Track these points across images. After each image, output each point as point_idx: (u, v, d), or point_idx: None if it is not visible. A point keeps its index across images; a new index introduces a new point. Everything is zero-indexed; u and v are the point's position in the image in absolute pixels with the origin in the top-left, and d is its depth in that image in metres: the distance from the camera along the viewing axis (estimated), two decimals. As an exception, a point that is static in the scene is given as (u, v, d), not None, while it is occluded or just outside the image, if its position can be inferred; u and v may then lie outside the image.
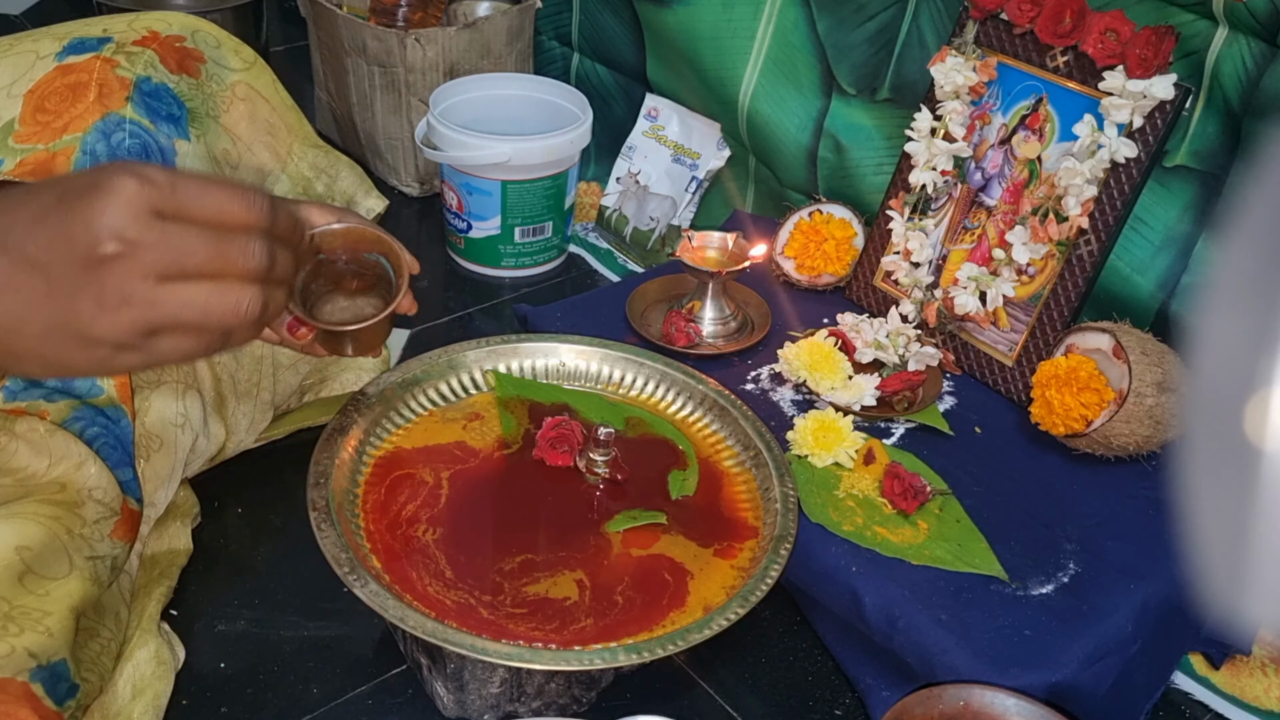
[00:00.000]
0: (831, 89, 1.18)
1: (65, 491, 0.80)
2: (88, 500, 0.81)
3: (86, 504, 0.80)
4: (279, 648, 0.86)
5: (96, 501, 0.81)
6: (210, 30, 1.06)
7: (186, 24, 1.04)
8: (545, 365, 0.95)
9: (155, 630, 0.82)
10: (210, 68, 1.04)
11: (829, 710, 0.84)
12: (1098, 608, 0.78)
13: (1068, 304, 0.95)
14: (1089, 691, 0.75)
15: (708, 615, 0.75)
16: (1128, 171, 0.91)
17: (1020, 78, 0.99)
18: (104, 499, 0.81)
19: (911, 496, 0.84)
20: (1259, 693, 0.88)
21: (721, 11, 1.22)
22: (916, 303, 1.04)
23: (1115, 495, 0.88)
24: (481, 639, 0.71)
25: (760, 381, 1.00)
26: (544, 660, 0.71)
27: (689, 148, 1.31)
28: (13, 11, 1.79)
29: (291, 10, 1.74)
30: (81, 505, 0.80)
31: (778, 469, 0.85)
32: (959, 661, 0.74)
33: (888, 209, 1.06)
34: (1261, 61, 0.88)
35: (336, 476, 0.82)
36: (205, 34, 1.05)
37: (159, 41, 0.99)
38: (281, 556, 0.93)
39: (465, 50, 1.35)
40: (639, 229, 1.33)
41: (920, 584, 0.79)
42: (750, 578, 0.78)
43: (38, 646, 0.70)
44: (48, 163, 0.90)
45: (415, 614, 0.72)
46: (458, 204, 1.27)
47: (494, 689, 0.79)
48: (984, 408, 0.98)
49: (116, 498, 0.82)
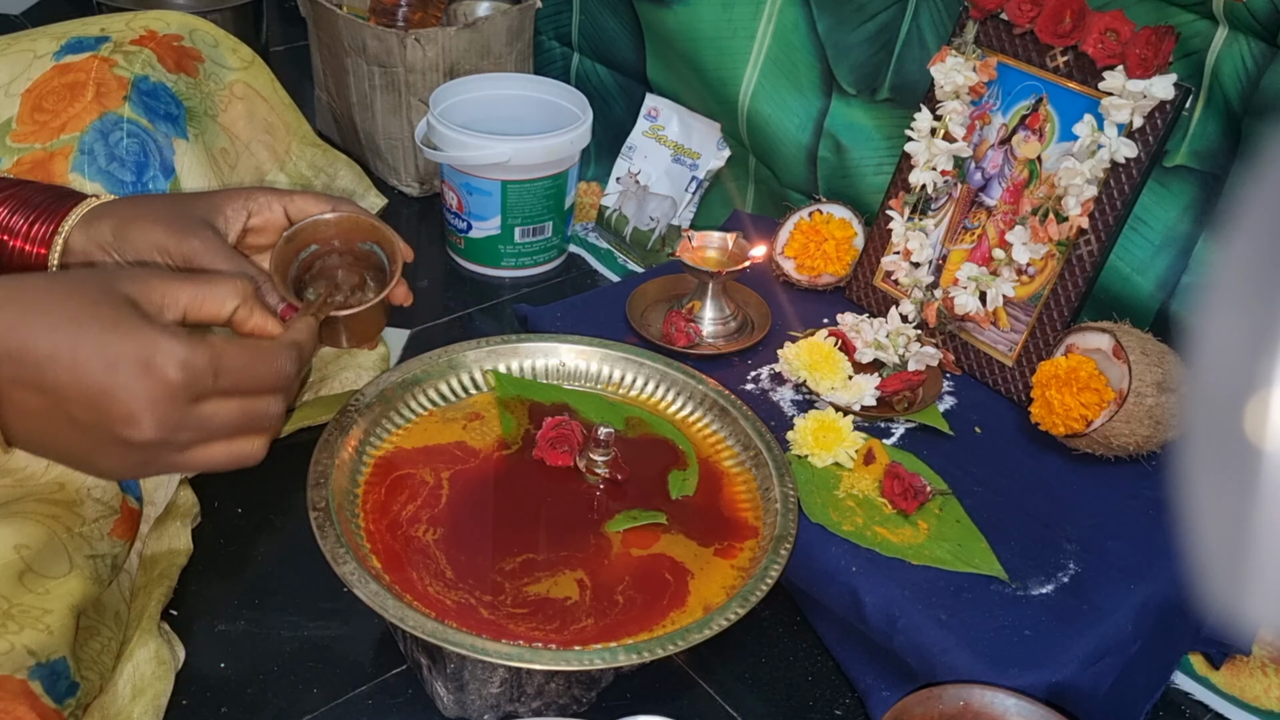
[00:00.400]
0: (831, 89, 1.18)
1: (64, 490, 0.80)
2: (86, 499, 0.81)
3: (85, 502, 0.80)
4: (279, 648, 0.86)
5: (95, 500, 0.81)
6: (208, 29, 1.06)
7: (184, 23, 1.04)
8: (545, 365, 0.95)
9: (155, 630, 0.81)
10: (208, 67, 1.04)
11: (829, 710, 0.84)
12: (1098, 608, 0.78)
13: (1068, 304, 0.95)
14: (1089, 691, 0.75)
15: (708, 615, 0.75)
16: (1128, 171, 0.91)
17: (1020, 78, 0.99)
18: (103, 497, 0.81)
19: (911, 496, 0.84)
20: (1259, 693, 0.88)
21: (721, 11, 1.22)
22: (916, 303, 1.04)
23: (1115, 495, 0.88)
24: (482, 639, 0.71)
25: (760, 381, 1.00)
26: (544, 660, 0.71)
27: (689, 148, 1.31)
28: (13, 11, 1.79)
29: (291, 10, 1.74)
30: (80, 504, 0.80)
31: (778, 469, 0.85)
32: (959, 661, 0.74)
33: (888, 209, 1.06)
34: (1262, 61, 0.88)
35: (336, 477, 0.82)
36: (203, 33, 1.05)
37: (156, 41, 0.99)
38: (281, 556, 0.93)
39: (465, 50, 1.35)
40: (639, 229, 1.33)
41: (920, 584, 0.79)
42: (750, 578, 0.78)
43: (37, 644, 0.70)
44: (45, 162, 0.90)
45: (415, 614, 0.72)
46: (458, 204, 1.27)
47: (494, 689, 0.79)
48: (984, 408, 0.98)
49: (115, 496, 0.82)
